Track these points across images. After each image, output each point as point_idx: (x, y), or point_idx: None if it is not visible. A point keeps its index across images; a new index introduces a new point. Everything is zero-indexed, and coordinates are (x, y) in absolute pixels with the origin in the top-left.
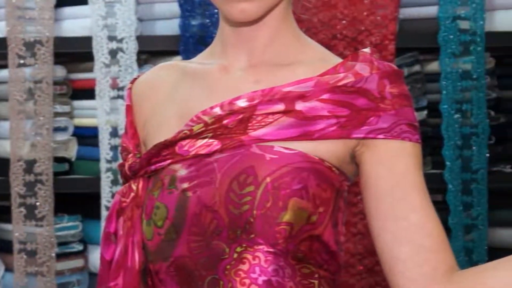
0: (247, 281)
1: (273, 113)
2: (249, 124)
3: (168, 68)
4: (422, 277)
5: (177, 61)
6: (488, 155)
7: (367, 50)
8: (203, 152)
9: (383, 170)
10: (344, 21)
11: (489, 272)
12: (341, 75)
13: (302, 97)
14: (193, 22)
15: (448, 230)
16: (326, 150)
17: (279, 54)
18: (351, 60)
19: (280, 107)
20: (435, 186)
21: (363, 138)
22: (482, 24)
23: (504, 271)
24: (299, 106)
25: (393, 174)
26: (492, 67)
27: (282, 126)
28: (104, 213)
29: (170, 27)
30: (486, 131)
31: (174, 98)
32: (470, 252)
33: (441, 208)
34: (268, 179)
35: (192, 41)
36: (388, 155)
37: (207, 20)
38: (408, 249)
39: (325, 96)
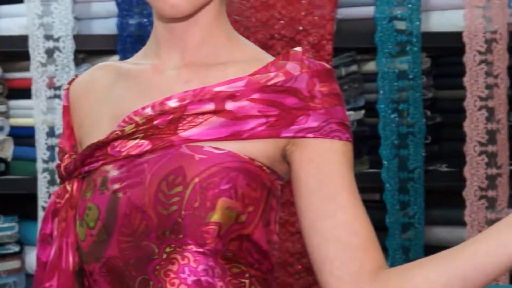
0: (176, 281)
1: (203, 113)
2: (180, 125)
3: (105, 68)
4: (349, 276)
5: (113, 61)
6: (424, 154)
7: (298, 49)
8: (134, 152)
9: (312, 169)
10: (282, 21)
11: (414, 270)
12: (272, 74)
13: (232, 96)
14: (131, 21)
15: (385, 229)
16: (256, 149)
17: (211, 53)
18: (282, 59)
19: (210, 107)
20: (372, 185)
21: (292, 137)
22: (418, 25)
23: (429, 269)
24: (229, 105)
25: (322, 173)
26: (428, 67)
27: (212, 126)
28: (40, 214)
29: (107, 26)
30: (422, 131)
31: (109, 99)
32: (407, 250)
33: (379, 207)
34: (196, 179)
35: (129, 40)
36: (317, 153)
37: (145, 20)
38: (335, 247)
39: (255, 96)
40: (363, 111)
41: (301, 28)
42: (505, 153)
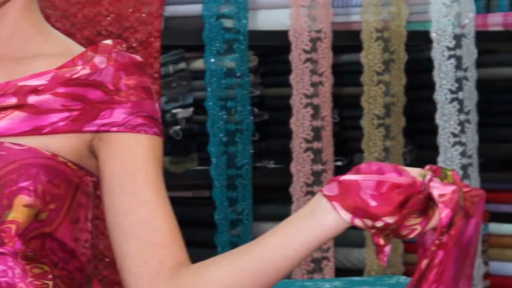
0: None
1: (5, 108)
2: None
3: None
4: (147, 273)
5: None
6: (252, 151)
7: (108, 41)
8: None
9: (116, 164)
10: (109, 18)
11: (209, 266)
12: (79, 67)
13: (36, 91)
14: None
15: (214, 225)
16: (59, 145)
17: (20, 47)
18: (91, 52)
19: (13, 101)
20: (201, 182)
21: (96, 131)
22: (245, 23)
23: (222, 265)
24: (32, 100)
25: (125, 168)
26: (256, 65)
27: (14, 121)
28: None
29: None
30: (250, 128)
31: None
32: (236, 246)
33: (208, 204)
34: None
35: None
36: (121, 148)
37: None
38: (135, 244)
39: (59, 90)
40: (191, 109)
41: (128, 25)
42: (330, 150)
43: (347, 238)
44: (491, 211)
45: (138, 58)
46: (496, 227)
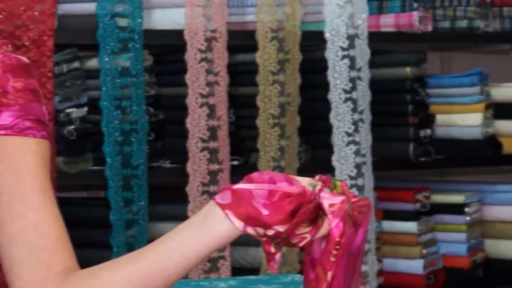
0: None
1: None
2: None
3: None
4: (35, 279)
5: None
6: (147, 151)
7: None
8: None
9: (3, 169)
10: (0, 16)
11: (101, 271)
12: None
13: None
14: None
15: (109, 225)
16: None
17: None
18: None
19: None
20: (97, 182)
21: None
22: (140, 22)
23: (114, 270)
24: None
25: (13, 172)
26: (151, 65)
27: None
28: None
29: None
30: (145, 128)
31: None
32: (131, 247)
33: (103, 204)
34: None
35: None
36: (8, 152)
37: None
38: (23, 249)
39: None
40: (86, 108)
41: (20, 23)
42: (226, 149)
43: (244, 237)
44: (384, 209)
45: (25, 59)
46: (389, 225)
